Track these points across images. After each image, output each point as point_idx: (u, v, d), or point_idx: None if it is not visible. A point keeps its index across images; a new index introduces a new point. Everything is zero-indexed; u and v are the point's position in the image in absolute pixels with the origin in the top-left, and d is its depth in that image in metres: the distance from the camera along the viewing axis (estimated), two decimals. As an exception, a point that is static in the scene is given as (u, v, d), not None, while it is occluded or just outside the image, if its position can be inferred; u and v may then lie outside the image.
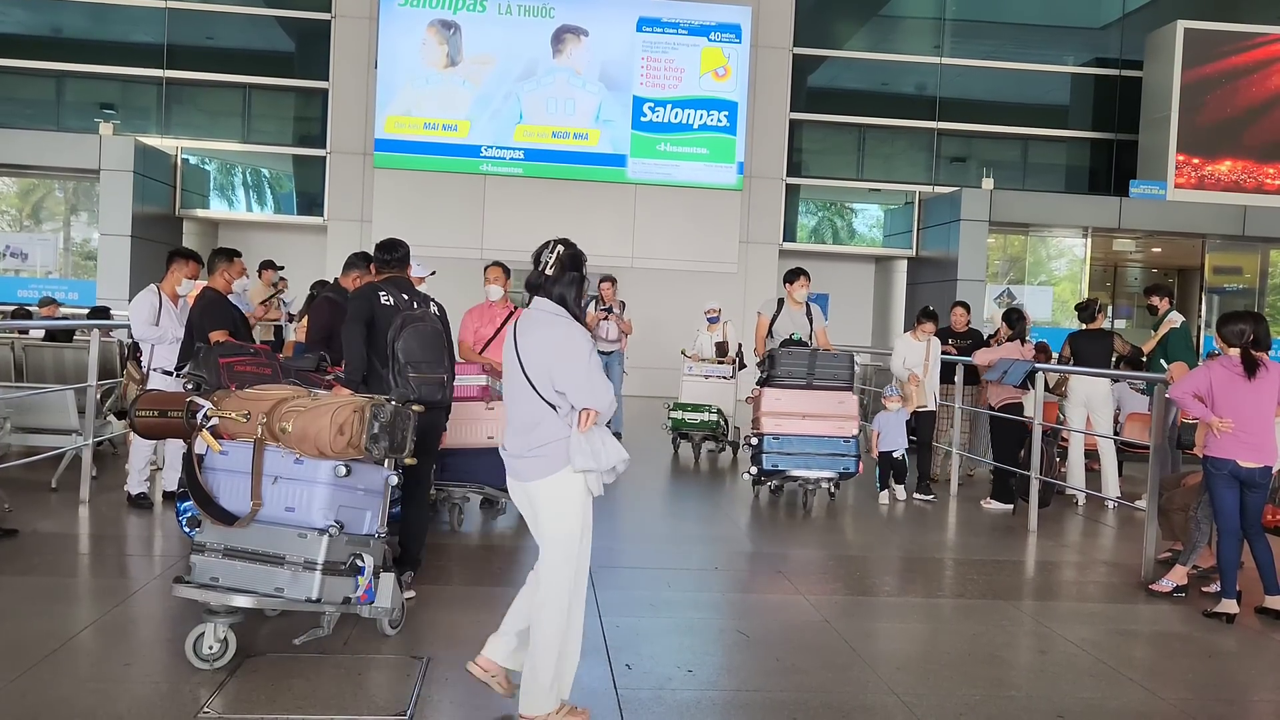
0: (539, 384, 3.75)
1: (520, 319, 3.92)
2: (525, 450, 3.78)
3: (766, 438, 8.00)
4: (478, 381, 6.82)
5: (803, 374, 8.10)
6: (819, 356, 8.20)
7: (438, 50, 17.74)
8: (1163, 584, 6.10)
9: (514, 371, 3.82)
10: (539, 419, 3.75)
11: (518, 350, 3.81)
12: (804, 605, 5.63)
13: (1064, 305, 18.63)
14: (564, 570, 3.78)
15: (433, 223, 17.17)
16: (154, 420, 4.76)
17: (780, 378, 8.12)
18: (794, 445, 7.98)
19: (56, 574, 5.63)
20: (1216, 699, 4.53)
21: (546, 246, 3.92)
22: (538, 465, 3.76)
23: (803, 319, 8.69)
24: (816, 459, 7.98)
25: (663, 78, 17.96)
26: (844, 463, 8.03)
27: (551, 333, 3.78)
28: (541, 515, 3.82)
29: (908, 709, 4.15)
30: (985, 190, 17.87)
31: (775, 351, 8.21)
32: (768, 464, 7.98)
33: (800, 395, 8.09)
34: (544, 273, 3.86)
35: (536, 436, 3.75)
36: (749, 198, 18.47)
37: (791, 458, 7.99)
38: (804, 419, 8.00)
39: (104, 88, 18.90)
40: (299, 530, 4.21)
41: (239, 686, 4.02)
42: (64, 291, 16.60)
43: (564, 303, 3.85)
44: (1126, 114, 19.49)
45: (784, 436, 7.97)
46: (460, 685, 4.20)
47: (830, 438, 8.01)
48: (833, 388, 8.15)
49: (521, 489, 3.85)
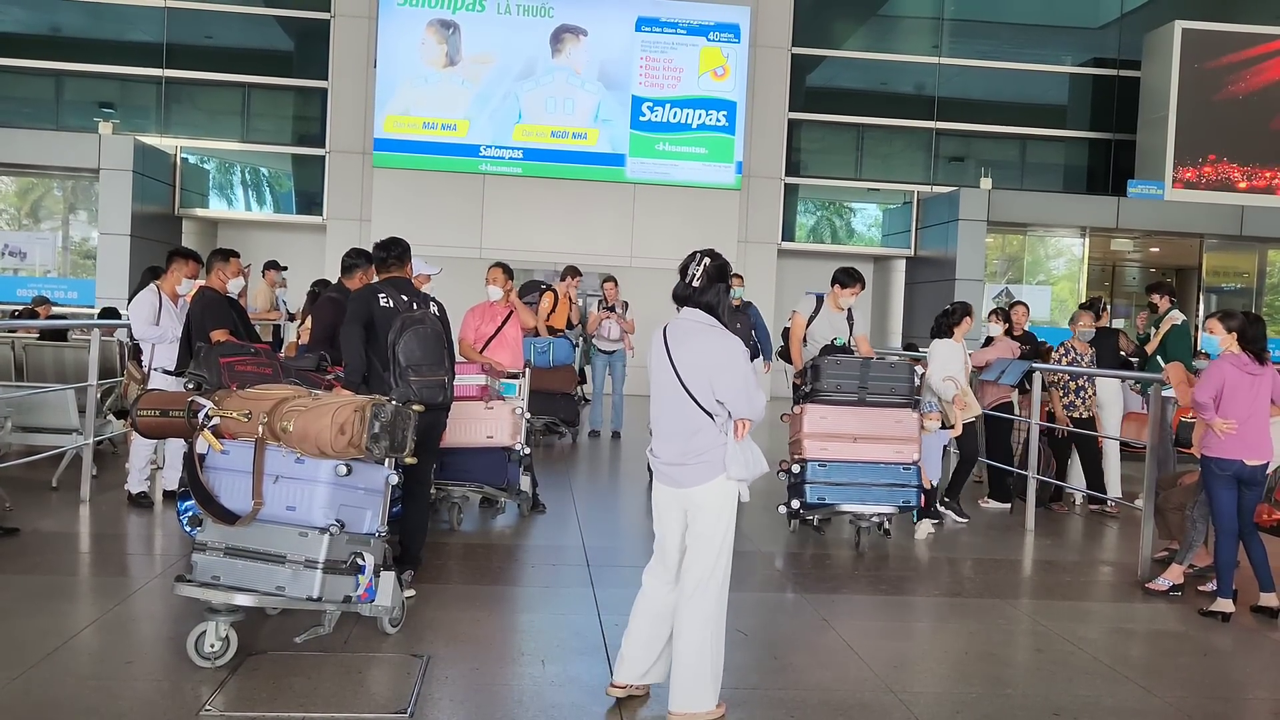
0: (698, 393, 3.86)
1: (671, 329, 3.99)
2: (684, 457, 3.90)
3: (810, 464, 6.67)
4: (477, 381, 6.84)
5: (854, 387, 6.77)
6: (874, 367, 6.85)
7: (437, 49, 17.74)
8: (1159, 583, 6.13)
9: (668, 381, 3.92)
10: (698, 427, 3.88)
11: (672, 360, 3.91)
12: (802, 604, 5.66)
13: (1062, 305, 18.67)
14: (720, 569, 3.94)
15: (432, 222, 17.18)
16: (155, 419, 4.78)
17: (827, 392, 6.76)
18: (843, 473, 6.69)
19: (57, 572, 5.65)
20: (1212, 697, 4.55)
21: (693, 259, 4.00)
22: (698, 471, 3.89)
23: (842, 322, 7.66)
24: (871, 490, 6.70)
25: (661, 77, 17.96)
26: (904, 494, 6.72)
27: (709, 344, 3.91)
28: (700, 519, 3.93)
29: (905, 707, 4.17)
30: (983, 190, 17.89)
31: (820, 361, 6.84)
32: (812, 496, 6.66)
33: (851, 413, 6.76)
34: (691, 284, 3.96)
35: (696, 444, 3.88)
36: (747, 197, 18.48)
37: (841, 489, 6.69)
38: (855, 442, 6.71)
39: (103, 87, 18.90)
40: (300, 529, 4.23)
41: (240, 684, 4.05)
42: (63, 291, 16.62)
43: (713, 311, 3.97)
44: (1124, 114, 19.52)
45: (832, 463, 6.68)
46: (460, 683, 4.23)
47: (887, 464, 6.70)
48: (890, 404, 6.80)
49: (675, 494, 3.97)
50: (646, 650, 4.06)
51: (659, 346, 3.99)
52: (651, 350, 4.03)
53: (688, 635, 3.89)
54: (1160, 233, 18.68)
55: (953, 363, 7.78)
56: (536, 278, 13.36)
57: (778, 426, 7.60)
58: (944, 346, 7.92)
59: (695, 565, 3.94)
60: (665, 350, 3.95)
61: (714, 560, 3.93)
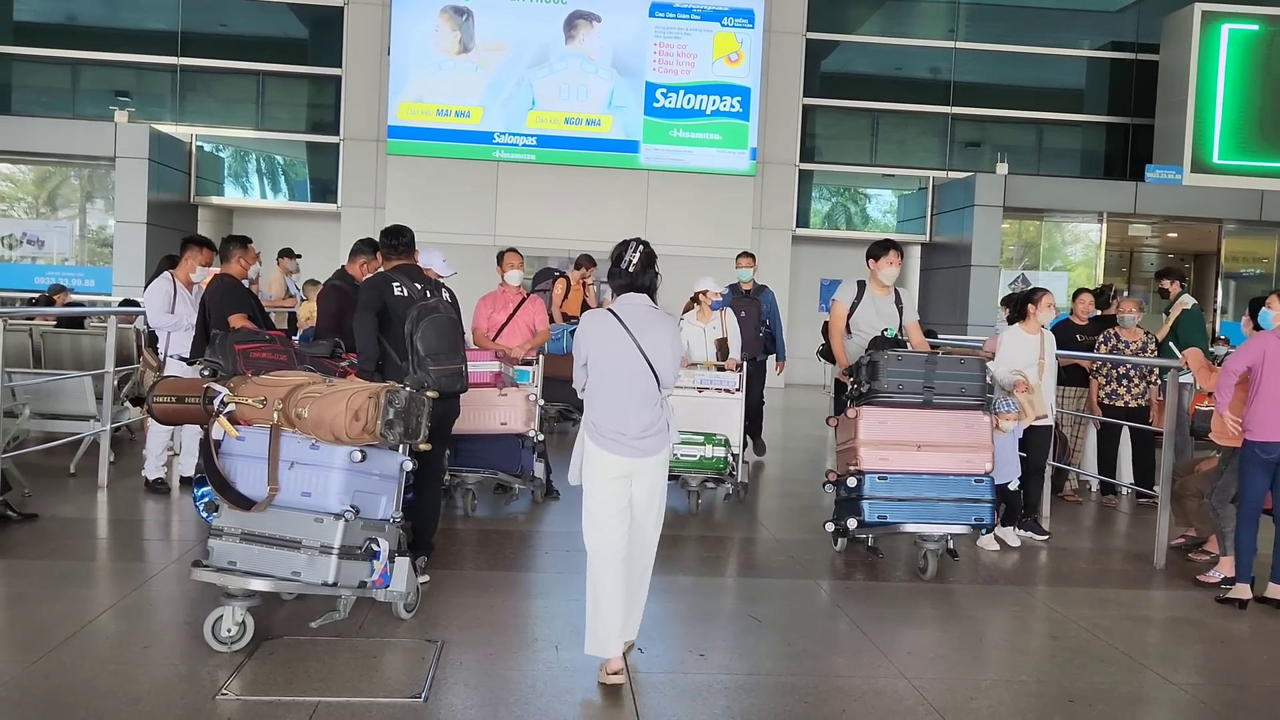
0: (661, 372, 4.23)
1: (626, 315, 4.25)
2: (649, 430, 4.24)
3: (869, 477, 5.85)
4: (490, 368, 6.85)
5: (918, 387, 5.90)
6: (941, 363, 6.01)
7: (450, 37, 17.72)
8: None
9: (633, 361, 4.19)
10: (657, 401, 4.28)
11: (638, 343, 4.19)
12: (815, 590, 5.66)
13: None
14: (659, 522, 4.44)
15: (446, 209, 17.19)
16: (171, 406, 4.80)
17: (887, 393, 5.89)
18: (907, 487, 5.86)
19: (76, 558, 5.69)
20: (1228, 684, 4.54)
21: (628, 246, 4.33)
22: (659, 441, 4.28)
23: (890, 308, 6.72)
24: (939, 506, 5.86)
25: (675, 63, 17.89)
26: (977, 511, 5.87)
27: (666, 328, 4.33)
28: (650, 483, 4.30)
29: (918, 693, 4.17)
30: (1000, 175, 17.78)
31: (878, 356, 5.96)
32: (871, 514, 5.83)
33: (914, 417, 5.91)
34: (628, 270, 4.29)
35: (654, 415, 4.26)
36: (762, 183, 18.42)
37: (904, 505, 5.86)
38: (919, 450, 5.88)
39: (119, 75, 18.96)
40: (315, 515, 4.25)
41: (256, 669, 4.07)
42: (80, 279, 16.71)
43: (651, 294, 4.34)
44: (1143, 98, 19.35)
45: (893, 475, 5.85)
46: (475, 668, 4.25)
47: (957, 476, 5.89)
48: (960, 406, 5.95)
49: (631, 463, 4.24)
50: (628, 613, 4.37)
51: (616, 330, 4.22)
52: (602, 334, 4.25)
53: (647, 579, 4.45)
54: (1178, 218, 18.53)
55: (1021, 355, 6.83)
56: (550, 265, 13.35)
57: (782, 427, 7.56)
58: (1010, 336, 6.96)
59: (653, 523, 4.37)
60: (628, 334, 4.21)
61: (660, 514, 4.41)
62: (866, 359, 6.05)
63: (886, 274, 6.68)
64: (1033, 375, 6.78)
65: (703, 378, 7.75)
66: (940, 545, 5.96)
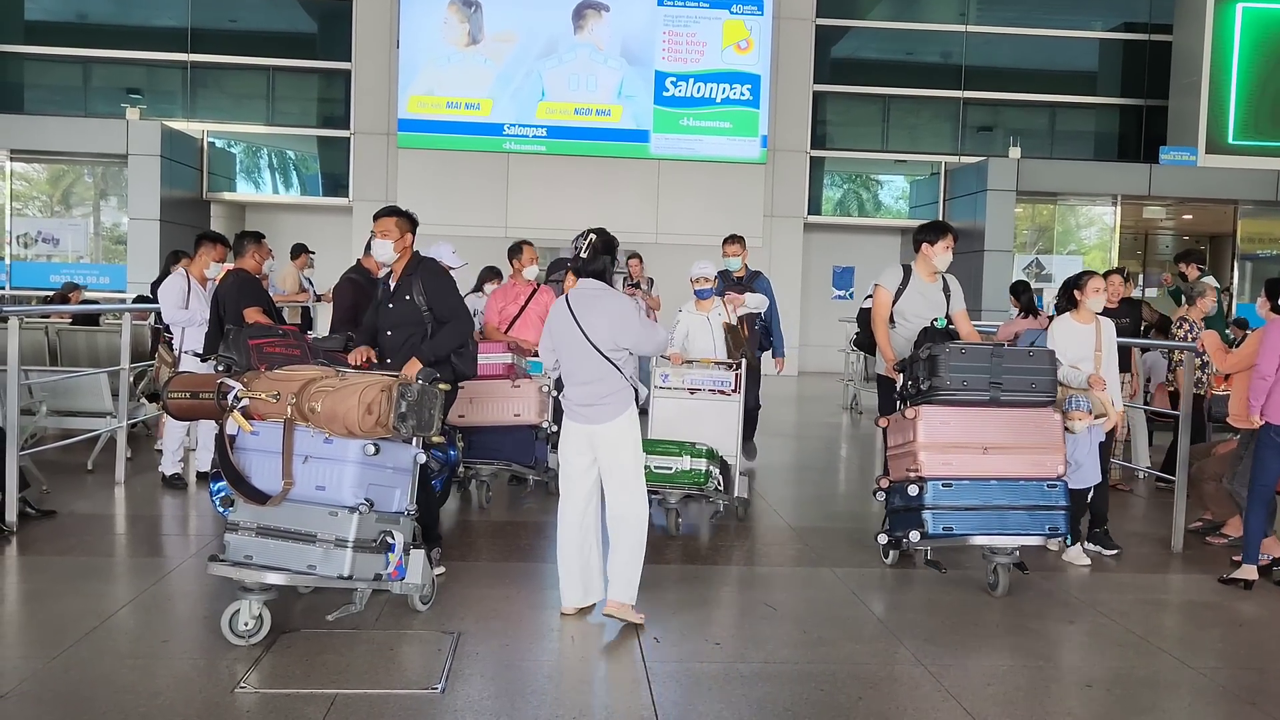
0: (603, 347, 4.65)
1: (574, 297, 4.76)
2: (593, 399, 4.67)
3: (932, 484, 5.27)
4: (503, 360, 6.86)
5: (983, 384, 5.29)
6: (1008, 355, 5.39)
7: (459, 29, 17.71)
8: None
9: (577, 339, 4.68)
10: (603, 375, 4.66)
11: (579, 323, 4.67)
12: (830, 578, 5.65)
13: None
14: (639, 491, 4.76)
15: (457, 202, 17.20)
16: (186, 402, 4.84)
17: (950, 390, 5.29)
18: (974, 494, 5.30)
19: (94, 554, 5.73)
20: (1246, 668, 4.51)
21: (583, 235, 4.79)
22: (605, 411, 4.66)
23: (939, 295, 6.20)
24: (1010, 515, 5.29)
25: (684, 52, 17.85)
26: (1051, 519, 5.32)
27: (605, 306, 4.71)
28: (610, 452, 4.70)
29: (934, 679, 4.17)
30: (1012, 159, 17.68)
31: (939, 350, 5.35)
32: (935, 526, 5.25)
33: (980, 416, 5.34)
34: (580, 255, 4.76)
35: (601, 389, 4.66)
36: (773, 171, 18.37)
37: (971, 515, 5.27)
38: (985, 453, 5.32)
39: (129, 72, 19.02)
40: (330, 508, 4.27)
41: (274, 662, 4.10)
42: (95, 276, 16.80)
43: (601, 277, 4.79)
44: (1156, 79, 19.20)
45: (959, 482, 5.28)
46: (491, 659, 4.26)
47: (1028, 480, 5.33)
48: (1029, 403, 5.37)
49: (585, 430, 4.72)
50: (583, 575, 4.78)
51: (565, 313, 4.73)
52: (556, 318, 4.79)
53: (623, 549, 4.70)
54: (1194, 200, 18.40)
55: (1075, 348, 6.06)
56: (564, 256, 13.35)
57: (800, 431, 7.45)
58: (1061, 328, 6.20)
59: (620, 491, 4.72)
60: (572, 316, 4.69)
61: (633, 483, 4.73)
62: (925, 353, 5.40)
63: (942, 259, 6.17)
64: (1089, 369, 6.04)
65: (694, 378, 6.79)
66: (1011, 558, 5.36)
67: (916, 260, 6.28)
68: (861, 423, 12.51)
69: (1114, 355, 6.25)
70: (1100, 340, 6.15)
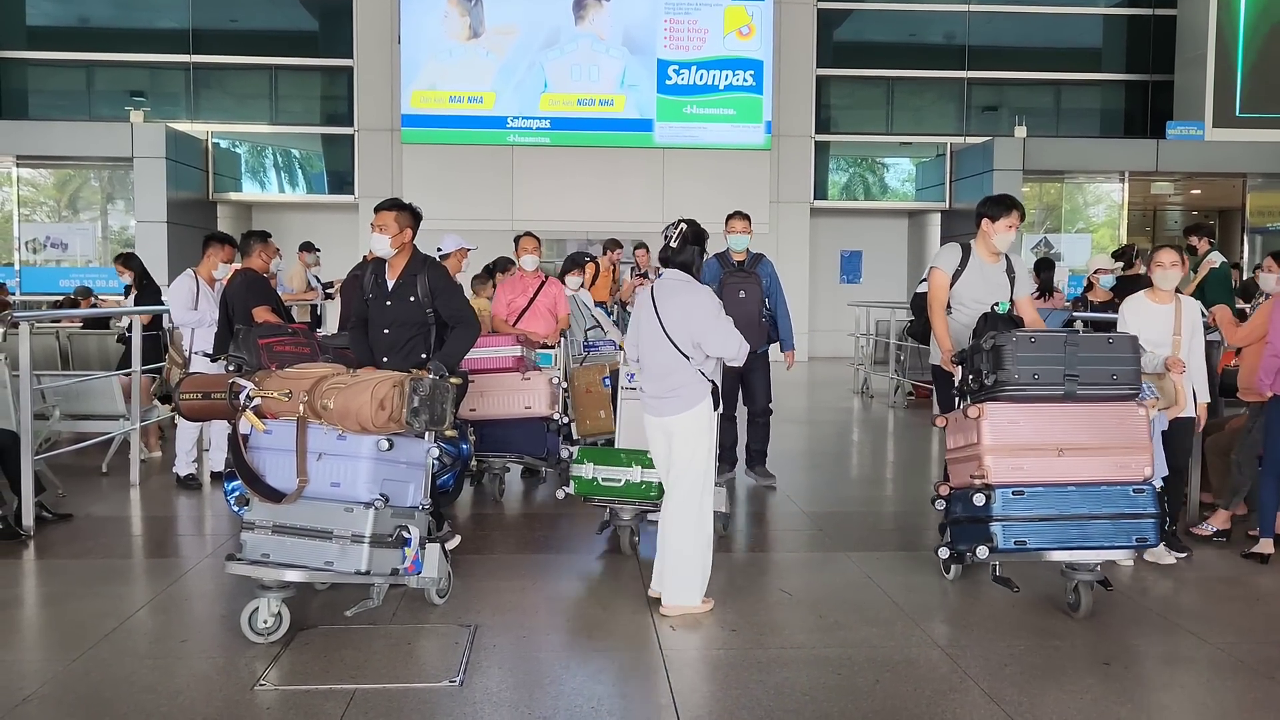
0: (678, 340, 4.60)
1: (658, 287, 4.74)
2: (665, 392, 4.66)
3: (1002, 492, 4.63)
4: (513, 353, 6.87)
5: (1057, 376, 4.62)
6: (1084, 344, 4.69)
7: (459, 22, 17.70)
8: (1204, 527, 6.06)
9: (654, 329, 4.66)
10: (675, 367, 4.62)
11: (658, 313, 4.65)
12: (845, 562, 5.65)
13: (1103, 252, 18.36)
14: (699, 489, 4.67)
15: (462, 196, 17.22)
16: (198, 402, 4.86)
17: (1019, 385, 4.62)
18: (1050, 503, 4.63)
19: (111, 556, 5.76)
20: (1265, 642, 4.50)
21: (674, 225, 4.75)
22: (676, 403, 4.64)
23: (1002, 278, 5.59)
24: (1092, 526, 4.63)
25: (686, 39, 17.80)
26: (1139, 529, 4.64)
27: (687, 299, 4.65)
28: (679, 444, 4.66)
29: (952, 661, 4.17)
30: (1018, 138, 17.61)
31: (1004, 339, 4.68)
32: (1006, 539, 4.62)
33: (1054, 413, 4.69)
34: (669, 245, 4.72)
35: (673, 381, 4.63)
36: (778, 157, 18.33)
37: (1049, 526, 4.63)
38: (1061, 455, 4.66)
39: (132, 75, 19.06)
40: (345, 505, 4.29)
41: (293, 659, 4.12)
42: (104, 280, 16.85)
43: (688, 269, 4.74)
44: (1161, 53, 19.08)
45: (1032, 489, 4.63)
46: (508, 651, 4.28)
47: (1111, 485, 4.65)
48: (1109, 397, 4.69)
49: (659, 421, 4.72)
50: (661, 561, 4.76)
51: (647, 303, 4.72)
52: (640, 308, 4.79)
53: (674, 543, 4.64)
54: (1201, 174, 18.31)
55: (1151, 329, 5.43)
56: (580, 249, 13.36)
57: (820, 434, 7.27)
58: (1134, 308, 5.66)
59: (680, 482, 4.67)
60: (653, 307, 4.68)
61: (697, 479, 4.66)
62: (988, 342, 4.73)
63: (1004, 239, 5.54)
64: (1169, 353, 5.51)
65: None
66: (1094, 575, 4.73)
67: (976, 239, 5.60)
68: (873, 407, 12.50)
69: (1199, 339, 5.69)
70: (1180, 322, 5.56)
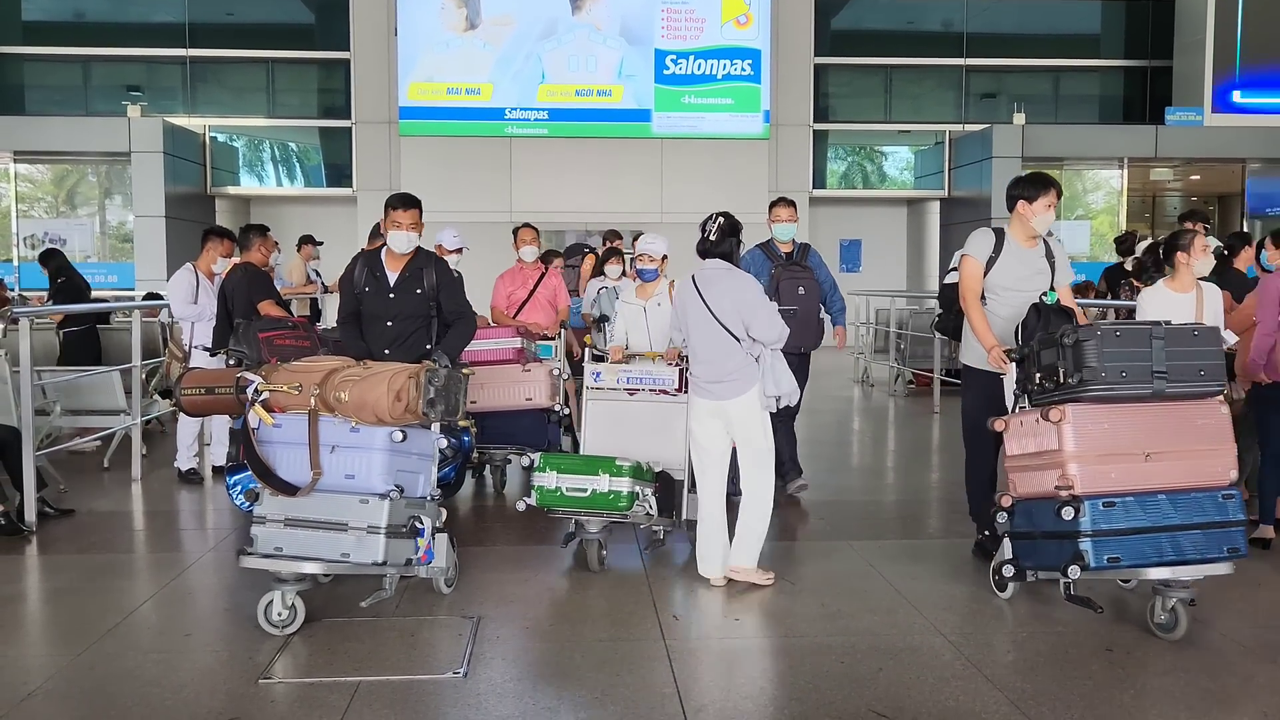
0: (729, 324, 4.81)
1: (700, 276, 4.92)
2: (720, 376, 4.86)
3: (1091, 504, 4.14)
4: (513, 344, 6.86)
5: (1144, 373, 4.15)
6: (1170, 337, 4.19)
7: (456, 14, 17.65)
8: None
9: (703, 317, 4.86)
10: (729, 352, 4.83)
11: (705, 300, 4.84)
12: (847, 551, 5.66)
13: (1102, 239, 18.38)
14: (766, 465, 5.00)
15: (461, 187, 17.19)
16: (201, 398, 4.86)
17: (1107, 383, 4.14)
18: (1142, 513, 4.18)
19: (114, 551, 5.77)
20: (1267, 627, 4.51)
21: (711, 218, 4.94)
22: (732, 388, 4.84)
23: (1042, 263, 5.09)
24: (1184, 538, 4.19)
25: (684, 29, 17.76)
26: (1230, 538, 4.25)
27: (733, 283, 4.88)
28: (739, 427, 4.91)
29: (954, 648, 4.17)
30: (1017, 126, 17.59)
31: (1087, 334, 4.17)
32: (1098, 557, 4.13)
33: (1140, 415, 4.24)
34: (709, 238, 4.90)
35: (728, 366, 4.84)
36: (776, 146, 18.31)
37: (1142, 541, 4.17)
38: (1148, 461, 4.20)
39: (129, 70, 19.03)
40: (360, 496, 4.29)
41: (298, 651, 4.12)
42: (103, 275, 16.85)
43: (728, 259, 4.94)
44: (1160, 39, 19.04)
45: (1122, 499, 4.17)
46: (511, 642, 4.29)
47: (1200, 491, 4.24)
48: (1196, 394, 4.26)
49: (714, 405, 4.91)
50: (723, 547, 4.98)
51: (692, 292, 4.90)
52: (683, 297, 4.96)
53: (752, 519, 4.95)
54: (1201, 160, 18.29)
55: (1176, 317, 4.93)
56: (579, 240, 13.35)
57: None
58: (1155, 298, 5.36)
59: (751, 467, 4.95)
60: (698, 294, 4.86)
61: (763, 458, 4.95)
62: (1069, 338, 4.21)
63: (1043, 220, 5.04)
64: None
65: (631, 374, 5.57)
66: (1189, 592, 4.31)
67: (1010, 222, 5.15)
68: (873, 395, 12.50)
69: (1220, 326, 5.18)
70: (1202, 311, 5.25)
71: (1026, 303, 4.85)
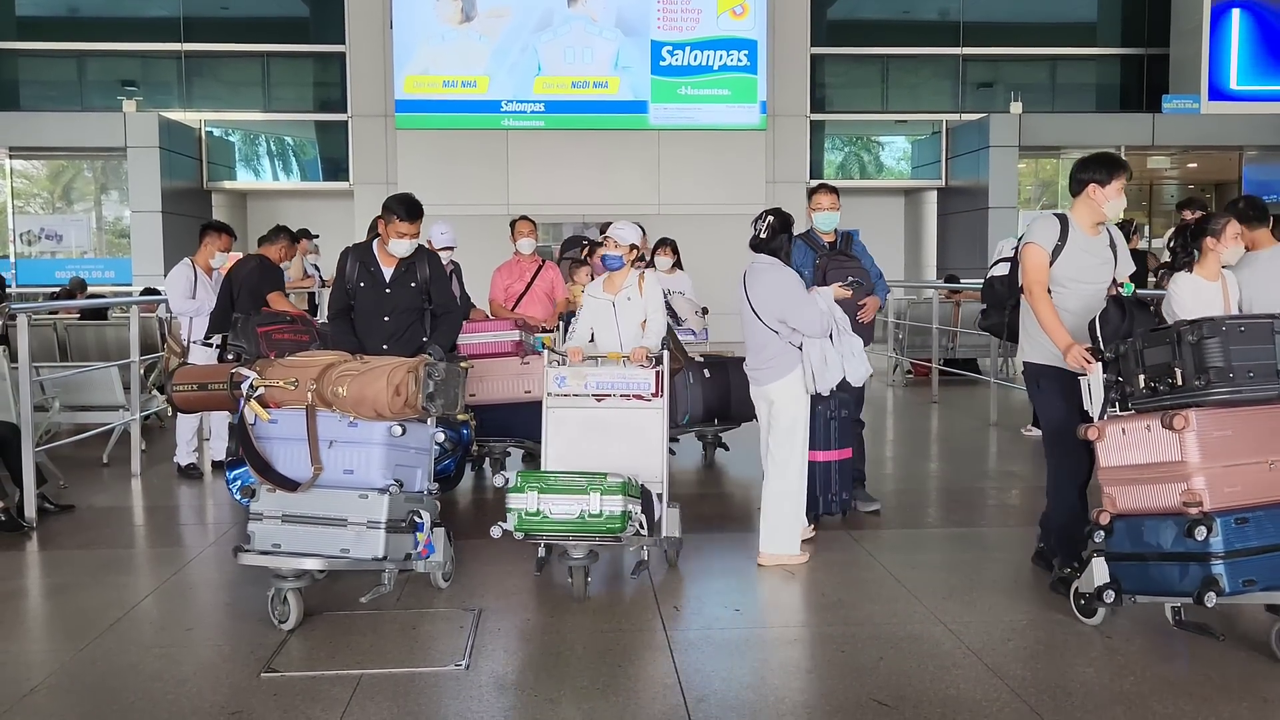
0: (765, 316, 5.07)
1: (749, 271, 5.18)
2: (760, 363, 5.16)
3: (1223, 521, 3.71)
4: (511, 337, 6.86)
5: (1270, 373, 3.79)
6: None
7: (451, 6, 17.61)
8: None
9: (746, 309, 5.15)
10: (766, 342, 5.11)
11: (747, 294, 5.14)
12: (847, 540, 5.67)
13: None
14: (797, 452, 5.15)
15: (458, 181, 17.17)
16: (192, 394, 4.86)
17: (1233, 386, 3.76)
18: (1273, 530, 3.78)
19: (115, 546, 5.77)
20: (1267, 615, 4.51)
21: (761, 217, 5.19)
22: (769, 374, 5.13)
23: (1106, 252, 4.66)
24: None
25: (680, 19, 17.72)
26: None
27: (772, 278, 5.10)
28: (775, 411, 5.14)
29: (954, 636, 4.18)
30: (1014, 115, 17.58)
31: (1208, 330, 3.77)
32: (1233, 581, 3.71)
33: (1261, 419, 3.86)
34: (760, 235, 5.15)
35: (766, 354, 5.12)
36: (773, 137, 18.28)
37: (1274, 560, 3.77)
38: (1272, 469, 3.83)
39: (124, 64, 18.98)
40: (360, 491, 4.29)
41: (299, 645, 4.13)
42: (100, 270, 16.84)
43: (777, 255, 5.15)
44: (1156, 27, 19.02)
45: (1254, 514, 3.77)
46: (513, 634, 4.29)
47: None
48: None
49: (759, 390, 5.22)
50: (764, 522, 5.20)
51: (741, 287, 5.19)
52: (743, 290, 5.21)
53: (771, 502, 5.14)
54: (1198, 147, 18.28)
55: (1210, 308, 4.63)
56: (576, 233, 13.32)
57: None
58: (1185, 287, 4.81)
59: (777, 449, 5.14)
60: (744, 289, 5.17)
61: (792, 443, 5.12)
62: (1191, 334, 3.78)
63: (1115, 205, 4.55)
64: None
65: (600, 379, 5.04)
66: None
67: (1074, 207, 4.66)
68: (871, 385, 12.50)
69: None
70: (1228, 301, 4.84)
71: (1094, 295, 4.52)
